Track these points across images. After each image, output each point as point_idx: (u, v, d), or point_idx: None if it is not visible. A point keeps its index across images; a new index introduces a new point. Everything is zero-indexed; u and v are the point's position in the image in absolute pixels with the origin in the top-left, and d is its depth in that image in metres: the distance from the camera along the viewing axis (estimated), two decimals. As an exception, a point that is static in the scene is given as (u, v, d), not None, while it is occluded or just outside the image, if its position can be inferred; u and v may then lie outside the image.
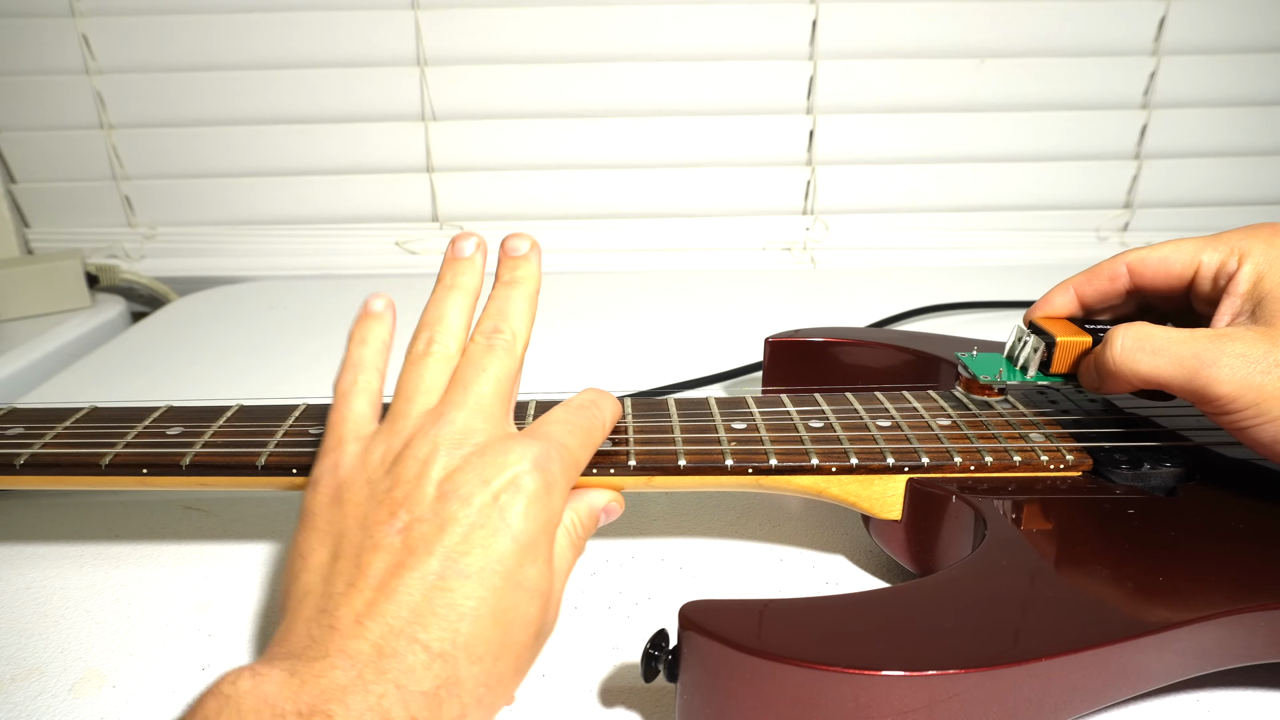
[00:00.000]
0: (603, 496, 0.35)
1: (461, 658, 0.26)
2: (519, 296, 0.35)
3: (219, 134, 0.85)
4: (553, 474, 0.30)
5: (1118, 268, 0.37)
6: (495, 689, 0.27)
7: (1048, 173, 0.89)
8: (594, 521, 0.34)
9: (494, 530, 0.27)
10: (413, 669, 0.25)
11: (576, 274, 0.88)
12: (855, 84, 0.85)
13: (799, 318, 0.71)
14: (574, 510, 0.33)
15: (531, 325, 0.35)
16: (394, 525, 0.28)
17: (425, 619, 0.25)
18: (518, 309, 0.34)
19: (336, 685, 0.23)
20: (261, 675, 0.23)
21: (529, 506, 0.28)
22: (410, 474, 0.29)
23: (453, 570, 0.26)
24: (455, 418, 0.30)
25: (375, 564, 0.27)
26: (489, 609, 0.26)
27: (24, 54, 0.82)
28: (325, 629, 0.25)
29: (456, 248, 0.36)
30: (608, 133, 0.86)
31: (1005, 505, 0.34)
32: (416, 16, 0.82)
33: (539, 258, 0.36)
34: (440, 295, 0.35)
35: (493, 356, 0.33)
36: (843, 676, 0.25)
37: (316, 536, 0.29)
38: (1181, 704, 0.30)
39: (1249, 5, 0.84)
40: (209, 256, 0.89)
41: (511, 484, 0.28)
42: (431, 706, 0.24)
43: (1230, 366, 0.31)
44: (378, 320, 0.36)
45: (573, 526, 0.33)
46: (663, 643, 0.28)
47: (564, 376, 0.61)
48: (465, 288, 0.35)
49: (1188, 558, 0.31)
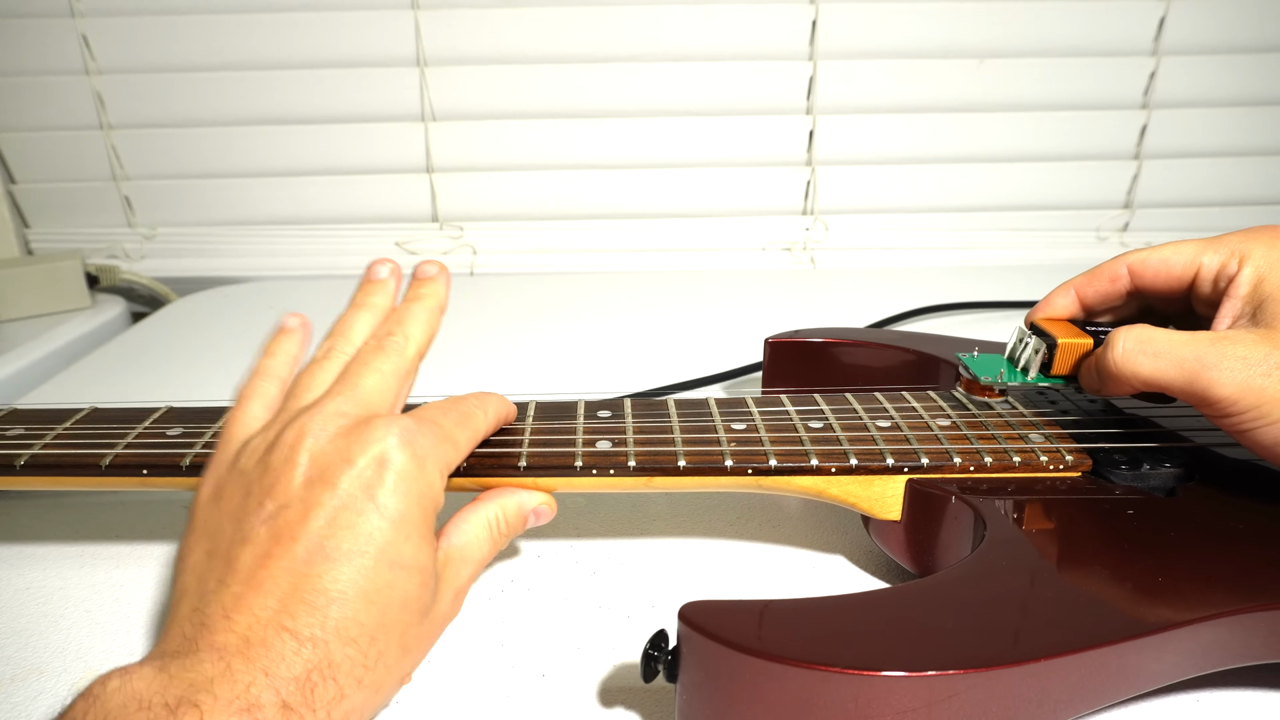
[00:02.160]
0: (534, 498, 0.35)
1: (333, 641, 0.26)
2: (419, 308, 0.36)
3: (219, 134, 0.85)
4: (422, 448, 0.30)
5: (1118, 269, 0.37)
6: (378, 669, 0.27)
7: (1048, 173, 0.89)
8: (522, 521, 0.35)
9: (360, 510, 0.28)
10: (282, 655, 0.25)
11: (576, 274, 0.88)
12: (855, 84, 0.85)
13: (799, 318, 0.71)
14: (500, 506, 0.34)
15: (429, 335, 0.36)
16: (261, 515, 0.28)
17: (293, 607, 0.26)
18: (415, 318, 0.35)
19: (204, 677, 0.24)
20: (131, 674, 0.24)
21: (398, 482, 0.28)
22: (278, 461, 0.29)
23: (319, 555, 0.27)
24: (327, 405, 0.31)
25: (244, 557, 0.27)
26: (359, 590, 0.27)
27: (24, 54, 0.82)
28: (197, 627, 0.26)
29: (372, 271, 0.38)
30: (608, 133, 0.86)
31: (1005, 506, 0.34)
32: (416, 16, 0.82)
33: (447, 280, 0.38)
34: (349, 313, 0.36)
35: (380, 354, 0.33)
36: (842, 677, 0.25)
37: (194, 537, 0.29)
38: (1181, 704, 0.30)
39: (1249, 5, 0.84)
40: (209, 256, 0.89)
41: (377, 461, 0.29)
42: (304, 690, 0.25)
43: (1231, 369, 0.31)
44: (289, 336, 0.38)
45: (496, 521, 0.34)
46: (662, 643, 0.28)
47: (564, 377, 0.61)
48: (375, 307, 0.37)
49: (1187, 558, 0.31)
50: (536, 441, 0.37)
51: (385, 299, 0.37)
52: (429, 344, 0.36)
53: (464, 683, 0.32)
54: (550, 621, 0.35)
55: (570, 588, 0.38)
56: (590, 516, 0.43)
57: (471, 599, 0.37)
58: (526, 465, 0.35)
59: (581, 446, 0.36)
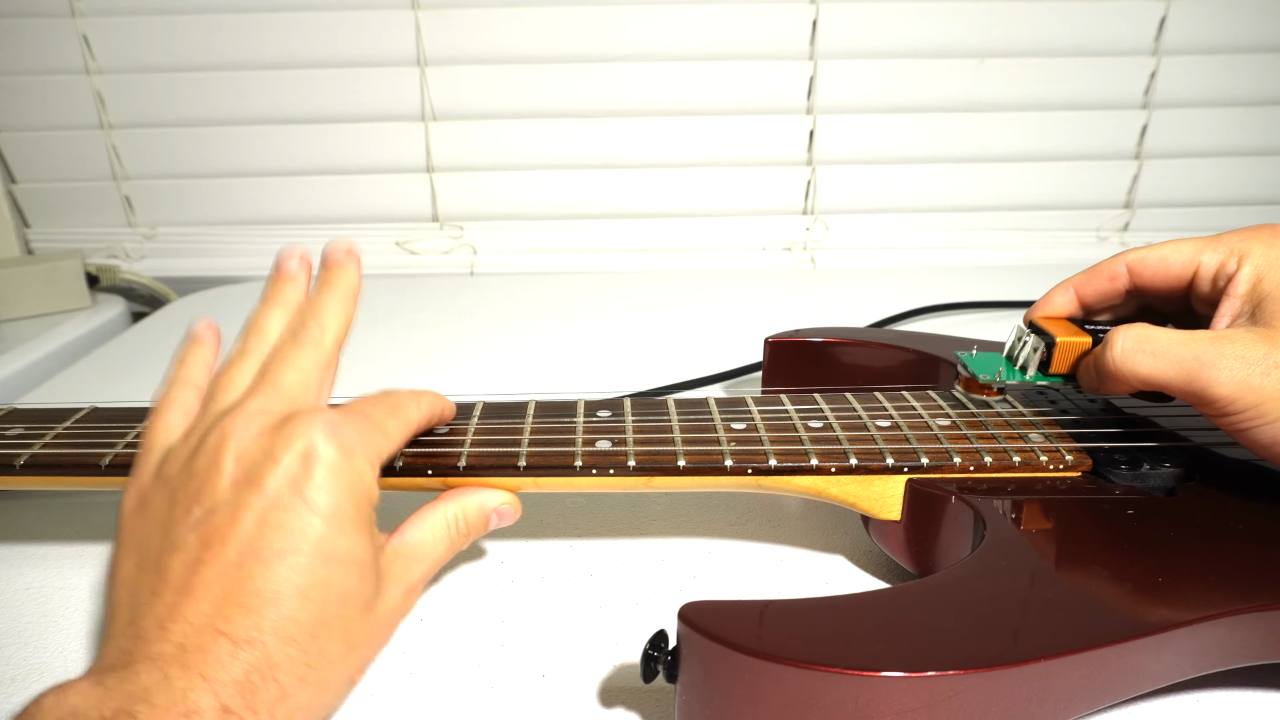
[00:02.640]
0: (496, 497, 0.35)
1: (271, 641, 0.26)
2: (331, 296, 0.35)
3: (219, 134, 0.85)
4: (348, 440, 0.29)
5: (1117, 268, 0.37)
6: (321, 666, 0.27)
7: (1048, 173, 0.89)
8: (483, 521, 0.35)
9: (290, 508, 0.27)
10: (219, 659, 0.25)
11: (576, 274, 0.88)
12: (855, 84, 0.85)
13: (799, 318, 0.71)
14: (460, 505, 0.34)
15: (345, 323, 0.35)
16: (189, 522, 0.27)
17: (228, 610, 0.25)
18: (328, 307, 0.35)
19: (141, 687, 0.23)
20: (67, 689, 0.23)
21: (326, 476, 0.28)
22: (203, 466, 0.29)
23: (251, 556, 0.26)
24: (249, 405, 0.30)
25: (174, 566, 0.27)
26: (295, 588, 0.26)
27: (24, 54, 0.82)
28: (133, 640, 0.25)
29: (281, 264, 0.37)
30: (608, 133, 0.86)
31: (1005, 505, 0.34)
32: (416, 16, 0.82)
33: (357, 263, 0.36)
34: (261, 309, 0.36)
35: (297, 348, 0.33)
36: (842, 677, 0.25)
37: (123, 551, 0.29)
38: (1181, 704, 0.30)
39: (1249, 5, 0.84)
40: (209, 256, 0.89)
41: (303, 456, 0.28)
42: (245, 692, 0.24)
43: (1230, 368, 0.31)
44: (200, 343, 0.37)
45: (455, 520, 0.34)
46: (662, 643, 0.28)
47: (564, 376, 0.61)
48: (287, 301, 0.36)
49: (1187, 558, 0.31)
50: (536, 441, 0.37)
51: (297, 291, 0.36)
52: (346, 331, 0.35)
53: (464, 683, 0.32)
54: (550, 621, 0.35)
55: (570, 588, 0.38)
56: (590, 516, 0.43)
57: (471, 599, 0.37)
58: (526, 465, 0.35)
59: (581, 446, 0.36)
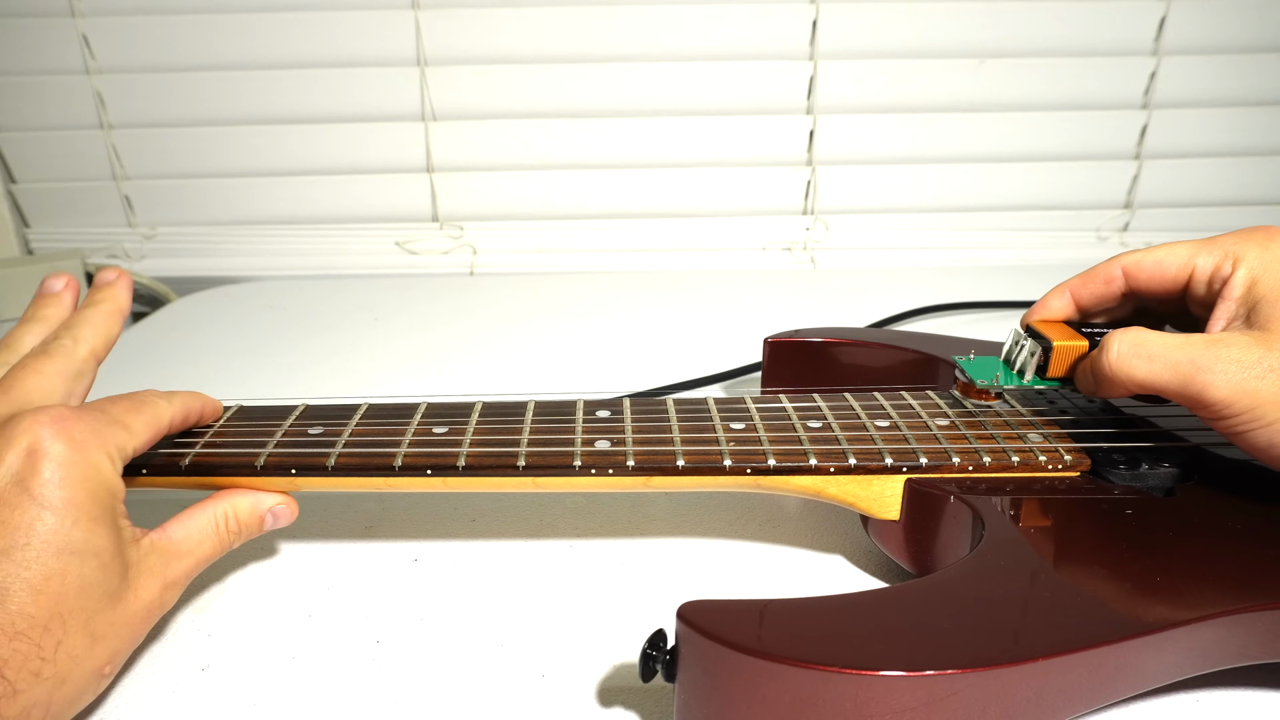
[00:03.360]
0: (270, 498, 0.36)
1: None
2: (92, 312, 0.36)
3: (219, 134, 0.85)
4: (79, 433, 0.29)
5: (1113, 270, 0.37)
6: (59, 659, 0.27)
7: (1048, 173, 0.89)
8: (256, 520, 0.36)
9: (14, 504, 0.27)
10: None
11: (576, 274, 0.88)
12: (855, 84, 0.86)
13: (798, 318, 0.71)
14: (231, 504, 0.35)
15: (104, 337, 0.36)
16: None
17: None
18: (87, 321, 0.35)
19: None
20: None
21: (55, 469, 0.28)
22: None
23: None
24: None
25: None
26: (23, 583, 0.26)
27: (24, 54, 0.82)
28: None
29: (45, 285, 0.38)
30: (608, 133, 0.86)
31: (1003, 505, 0.34)
32: (416, 16, 0.82)
33: (127, 285, 0.38)
34: (17, 327, 0.36)
35: (44, 357, 0.33)
36: (841, 677, 0.25)
37: None
38: (1181, 704, 0.30)
39: (1249, 5, 0.84)
40: (209, 256, 0.89)
41: (28, 452, 0.28)
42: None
43: (1225, 372, 0.31)
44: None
45: (224, 518, 0.34)
46: (661, 643, 0.28)
47: (564, 376, 0.61)
48: (46, 319, 0.36)
49: (1185, 558, 0.31)
50: (535, 441, 0.37)
51: (58, 310, 0.37)
52: (106, 347, 0.36)
53: (464, 683, 0.32)
54: (550, 621, 0.35)
55: (570, 588, 0.38)
56: (590, 516, 0.43)
57: (471, 599, 0.37)
58: (525, 465, 0.35)
59: (580, 446, 0.36)
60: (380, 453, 0.36)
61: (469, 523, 0.43)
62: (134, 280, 0.85)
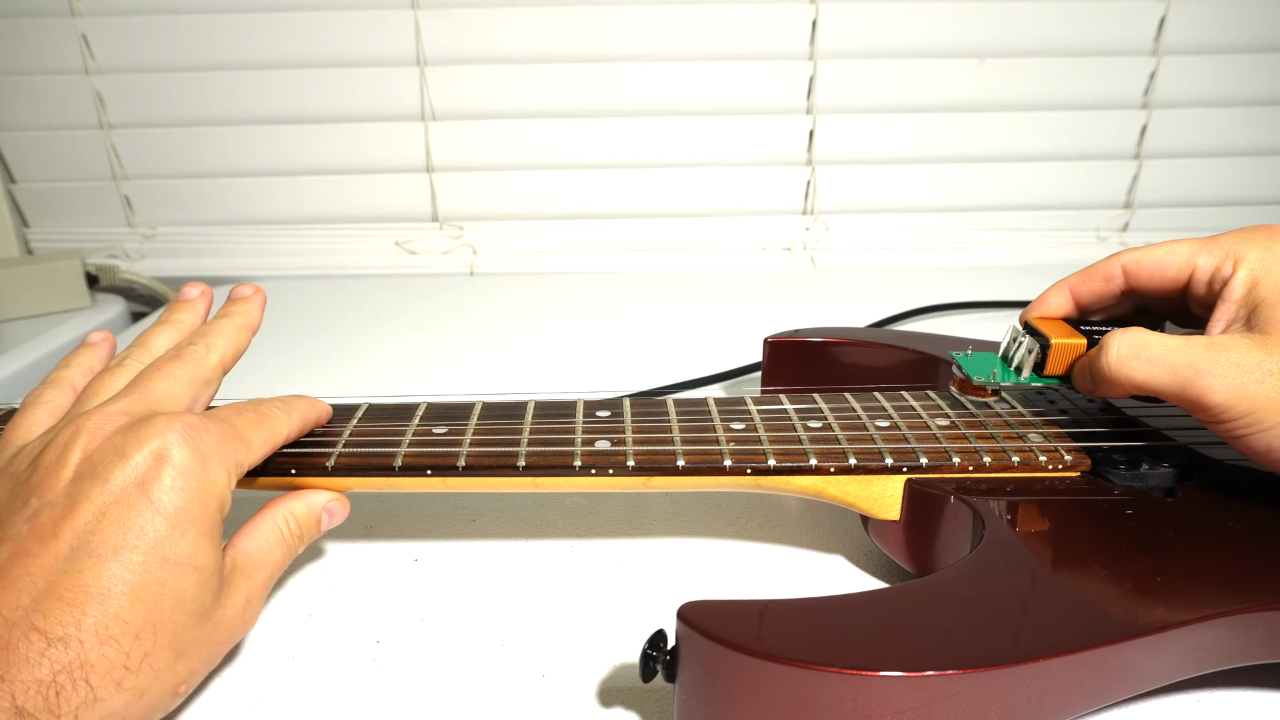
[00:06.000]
0: (322, 497, 0.36)
1: (89, 640, 0.25)
2: (227, 323, 0.36)
3: (219, 134, 0.85)
4: (206, 445, 0.29)
5: (1113, 269, 0.37)
6: (142, 671, 0.26)
7: (1048, 173, 0.89)
8: (314, 521, 0.35)
9: (133, 505, 0.27)
10: (27, 658, 0.24)
11: (576, 274, 0.88)
12: (855, 84, 0.85)
13: (799, 318, 0.71)
14: (288, 509, 0.34)
15: (234, 348, 0.36)
16: (25, 514, 0.27)
17: (47, 605, 0.25)
18: (220, 331, 0.36)
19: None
20: None
21: (176, 478, 0.28)
22: (49, 461, 0.28)
23: (84, 550, 0.26)
24: (111, 407, 0.30)
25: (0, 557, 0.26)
26: (126, 586, 0.26)
27: (24, 54, 0.82)
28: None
29: (182, 292, 0.38)
30: (608, 133, 0.86)
31: (1003, 506, 0.34)
32: (416, 16, 0.82)
33: (261, 302, 0.38)
34: (151, 327, 0.36)
35: (177, 362, 0.33)
36: (841, 677, 0.25)
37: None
38: (1181, 704, 0.30)
39: (1249, 5, 0.84)
40: (209, 256, 0.89)
41: (154, 455, 0.28)
42: (47, 694, 0.24)
43: (1224, 376, 0.31)
44: (91, 349, 0.37)
45: (286, 523, 0.34)
46: (661, 643, 0.28)
47: (564, 376, 0.61)
48: (179, 323, 0.37)
49: (1185, 558, 0.31)
50: (535, 441, 0.37)
51: (192, 316, 0.37)
52: (235, 358, 0.36)
53: (464, 683, 0.32)
54: (550, 621, 0.35)
55: (570, 588, 0.38)
56: (590, 516, 0.43)
57: (471, 599, 0.37)
58: (525, 465, 0.35)
59: (580, 446, 0.36)
60: (380, 453, 0.36)
61: (469, 523, 0.43)
62: (133, 280, 0.85)
